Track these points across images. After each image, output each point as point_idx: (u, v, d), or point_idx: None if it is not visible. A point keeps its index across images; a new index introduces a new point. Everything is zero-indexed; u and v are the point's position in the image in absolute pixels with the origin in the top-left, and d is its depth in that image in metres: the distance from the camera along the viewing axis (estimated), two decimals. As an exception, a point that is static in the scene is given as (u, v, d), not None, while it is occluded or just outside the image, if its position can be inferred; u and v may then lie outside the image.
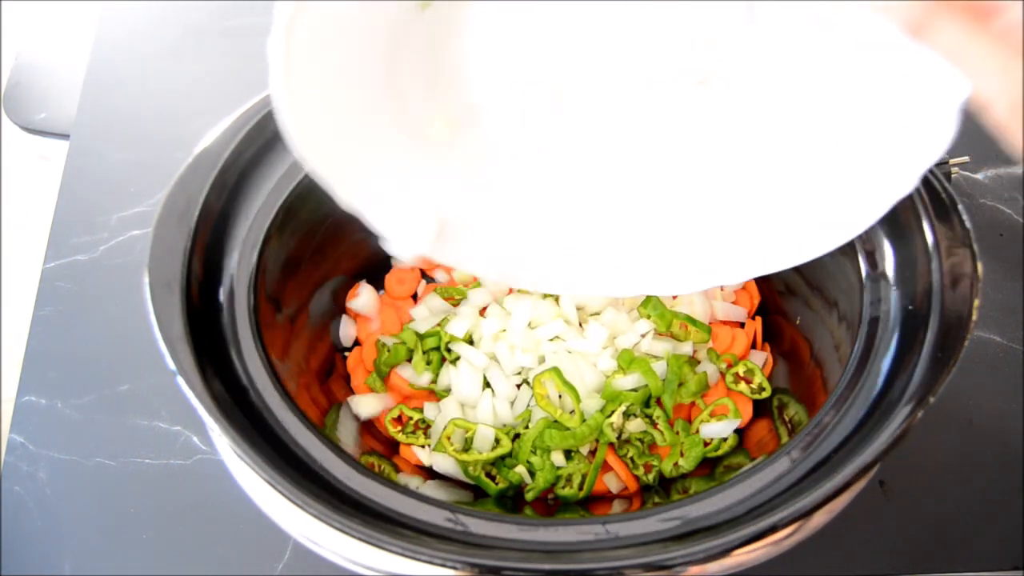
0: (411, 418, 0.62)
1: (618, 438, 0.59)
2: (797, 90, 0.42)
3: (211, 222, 0.52)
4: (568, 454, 0.59)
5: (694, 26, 0.42)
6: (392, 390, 0.64)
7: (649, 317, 0.63)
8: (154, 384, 0.68)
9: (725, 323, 0.66)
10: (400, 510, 0.45)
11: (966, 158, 0.71)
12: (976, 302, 0.45)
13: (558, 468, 0.58)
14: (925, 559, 0.60)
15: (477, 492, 0.58)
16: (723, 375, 0.64)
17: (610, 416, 0.59)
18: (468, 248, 0.44)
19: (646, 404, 0.61)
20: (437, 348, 0.64)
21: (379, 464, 0.57)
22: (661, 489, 0.58)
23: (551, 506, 0.57)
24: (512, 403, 0.62)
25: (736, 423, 0.60)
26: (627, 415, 0.60)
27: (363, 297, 0.68)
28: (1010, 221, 0.74)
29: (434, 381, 0.63)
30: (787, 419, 0.58)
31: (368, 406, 0.62)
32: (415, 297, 0.71)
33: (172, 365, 0.45)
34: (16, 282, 1.64)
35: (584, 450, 0.59)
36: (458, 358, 0.64)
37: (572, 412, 0.59)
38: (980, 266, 0.46)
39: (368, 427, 0.62)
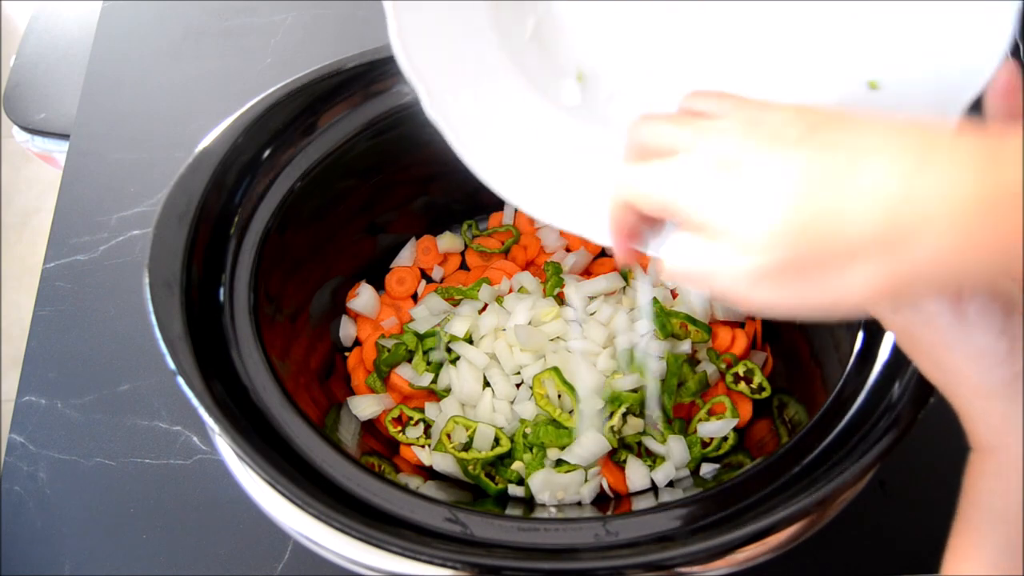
0: (411, 418, 0.62)
1: (618, 439, 0.59)
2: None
3: (211, 222, 0.52)
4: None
5: None
6: (392, 390, 0.64)
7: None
8: (154, 384, 0.68)
9: (725, 323, 0.66)
10: (400, 510, 0.45)
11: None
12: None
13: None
14: (925, 559, 0.60)
15: (477, 492, 0.58)
16: (723, 375, 0.64)
17: (610, 419, 0.59)
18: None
19: (644, 406, 0.61)
20: (437, 348, 0.64)
21: (379, 464, 0.57)
22: (661, 489, 0.58)
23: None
24: (512, 402, 0.62)
25: (733, 422, 0.60)
26: (625, 416, 0.60)
27: (363, 297, 0.68)
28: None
29: (434, 381, 0.63)
30: (787, 419, 0.58)
31: (368, 406, 0.62)
32: (415, 297, 0.71)
33: (172, 365, 0.45)
34: (16, 282, 1.64)
35: (584, 450, 0.59)
36: (458, 358, 0.64)
37: (571, 412, 0.59)
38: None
39: (368, 427, 0.62)
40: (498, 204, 0.73)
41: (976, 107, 0.38)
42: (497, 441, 0.59)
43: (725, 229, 0.30)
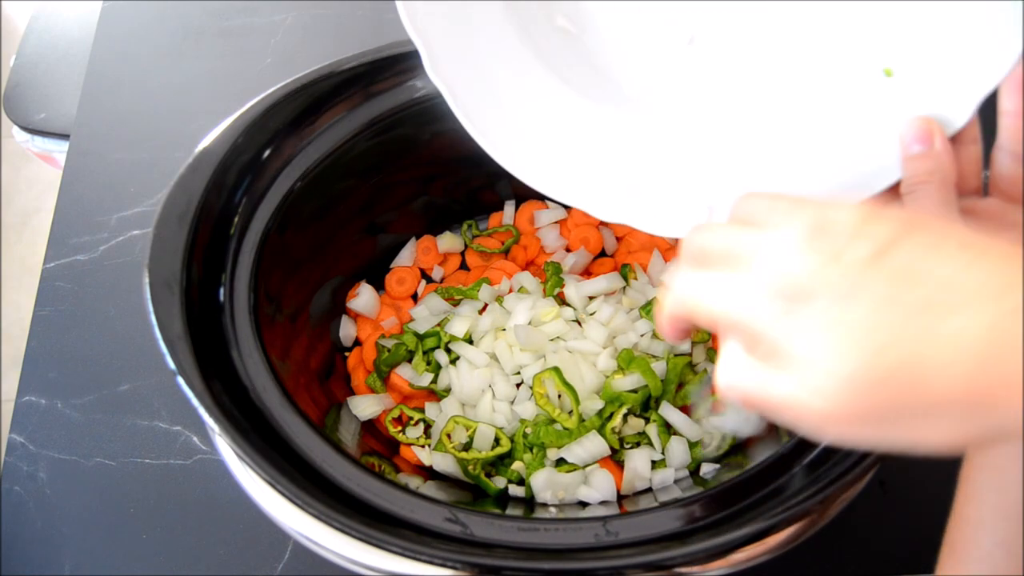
0: (411, 418, 0.62)
1: (619, 439, 0.59)
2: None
3: (211, 222, 0.52)
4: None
5: None
6: (392, 390, 0.64)
7: (648, 315, 0.63)
8: (154, 384, 0.68)
9: (725, 323, 0.66)
10: (400, 510, 0.45)
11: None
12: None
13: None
14: (925, 559, 0.60)
15: (477, 492, 0.58)
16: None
17: (610, 420, 0.59)
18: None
19: (645, 407, 0.61)
20: (437, 348, 0.64)
21: (379, 464, 0.57)
22: (661, 489, 0.58)
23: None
24: (512, 402, 0.62)
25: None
26: (625, 416, 0.60)
27: (363, 297, 0.68)
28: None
29: (434, 381, 0.63)
30: (787, 419, 0.58)
31: (368, 406, 0.62)
32: (415, 297, 0.71)
33: (172, 365, 0.45)
34: (16, 282, 1.64)
35: (584, 450, 0.59)
36: (458, 358, 0.64)
37: (571, 413, 0.59)
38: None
39: (368, 427, 0.62)
40: (498, 204, 0.73)
41: (991, 100, 0.38)
42: (497, 441, 0.59)
43: (793, 364, 0.27)
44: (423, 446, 0.61)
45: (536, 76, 0.43)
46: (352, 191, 0.62)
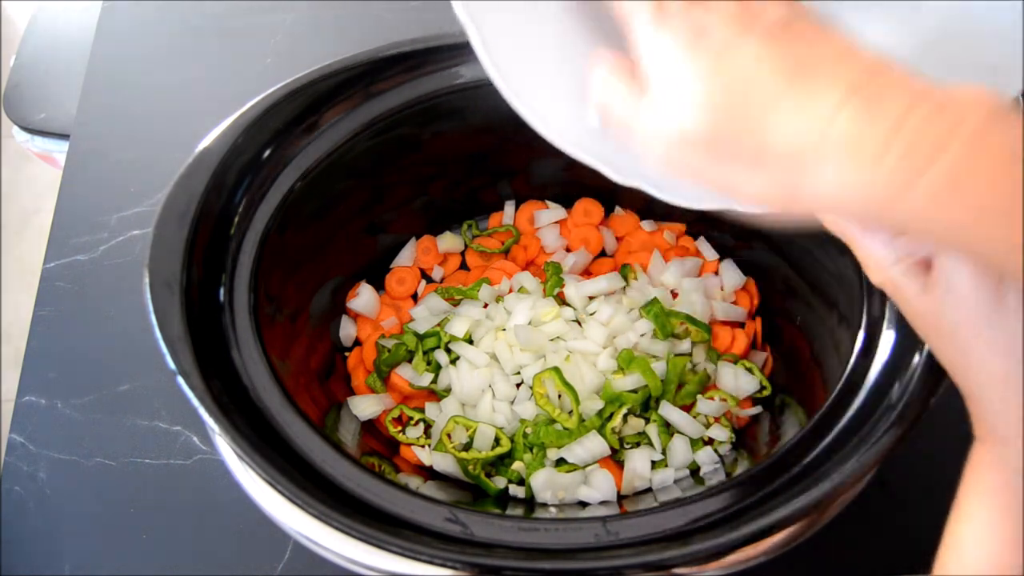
0: (411, 418, 0.62)
1: (619, 439, 0.59)
2: None
3: (211, 222, 0.52)
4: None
5: None
6: (392, 390, 0.64)
7: (649, 315, 0.63)
8: (154, 384, 0.68)
9: (725, 323, 0.66)
10: (400, 510, 0.45)
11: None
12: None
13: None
14: (925, 559, 0.60)
15: (477, 492, 0.58)
16: (723, 375, 0.64)
17: (610, 420, 0.59)
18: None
19: (645, 407, 0.61)
20: (437, 348, 0.64)
21: (379, 464, 0.57)
22: (661, 489, 0.58)
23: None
24: (512, 402, 0.62)
25: (726, 407, 0.60)
26: (625, 416, 0.60)
27: (363, 297, 0.68)
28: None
29: (434, 381, 0.63)
30: (787, 419, 0.58)
31: (368, 406, 0.62)
32: (415, 297, 0.71)
33: (172, 365, 0.45)
34: (16, 282, 1.64)
35: (584, 450, 0.59)
36: (458, 358, 0.64)
37: (571, 413, 0.59)
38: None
39: (368, 427, 0.62)
40: (498, 204, 0.73)
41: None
42: (497, 441, 0.59)
43: (666, 84, 0.31)
44: (423, 446, 0.61)
45: (560, 20, 0.42)
46: (352, 191, 0.62)
